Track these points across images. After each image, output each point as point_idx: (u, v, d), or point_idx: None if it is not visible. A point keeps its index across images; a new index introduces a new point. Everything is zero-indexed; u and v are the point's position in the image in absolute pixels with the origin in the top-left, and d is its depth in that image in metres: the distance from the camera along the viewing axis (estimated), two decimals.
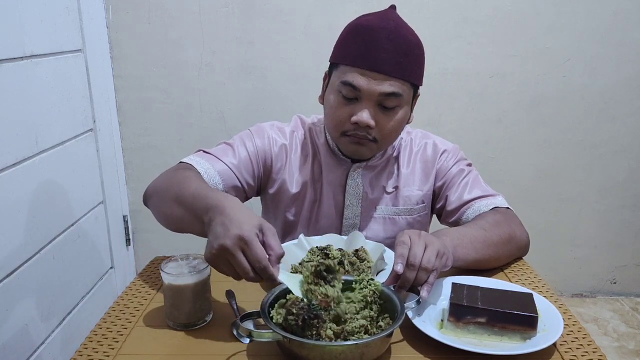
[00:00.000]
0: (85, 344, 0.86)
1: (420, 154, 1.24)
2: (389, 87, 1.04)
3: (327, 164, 1.21)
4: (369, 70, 1.03)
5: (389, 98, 1.05)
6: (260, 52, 2.00)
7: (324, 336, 0.76)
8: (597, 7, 1.98)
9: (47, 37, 1.57)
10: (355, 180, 1.20)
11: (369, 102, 1.06)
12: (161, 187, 1.07)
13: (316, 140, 1.23)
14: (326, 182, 1.21)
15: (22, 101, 1.45)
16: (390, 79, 1.04)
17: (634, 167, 2.17)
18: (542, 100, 2.09)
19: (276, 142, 1.21)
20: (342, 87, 1.06)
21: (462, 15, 1.99)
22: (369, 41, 1.03)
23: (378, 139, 1.10)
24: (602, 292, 2.34)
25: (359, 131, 1.08)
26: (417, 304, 0.85)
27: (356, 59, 1.04)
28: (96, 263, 1.91)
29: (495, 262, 1.09)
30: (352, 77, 1.04)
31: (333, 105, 1.09)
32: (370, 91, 1.04)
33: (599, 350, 0.83)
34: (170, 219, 1.03)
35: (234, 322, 0.78)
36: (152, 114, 2.08)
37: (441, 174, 1.22)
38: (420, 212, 1.23)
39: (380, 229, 1.23)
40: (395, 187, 1.22)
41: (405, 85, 1.06)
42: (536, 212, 2.20)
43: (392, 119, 1.08)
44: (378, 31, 1.04)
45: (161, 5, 1.97)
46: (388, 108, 1.07)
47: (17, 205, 1.42)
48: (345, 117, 1.08)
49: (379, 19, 1.06)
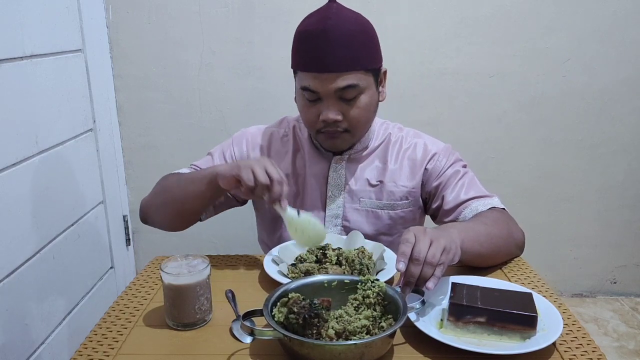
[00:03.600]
0: (85, 344, 0.86)
1: (410, 152, 1.26)
2: (342, 82, 1.09)
3: (311, 157, 1.26)
4: (318, 73, 1.09)
5: (346, 91, 1.10)
6: (260, 52, 2.00)
7: (324, 335, 0.76)
8: (597, 7, 1.98)
9: (47, 37, 1.57)
10: (337, 172, 1.24)
11: (330, 100, 1.11)
12: (154, 191, 1.22)
13: (300, 135, 1.29)
14: (309, 174, 1.26)
15: (22, 101, 1.45)
16: (340, 74, 1.09)
17: (634, 167, 2.17)
18: (542, 100, 2.09)
19: (254, 147, 1.29)
20: (303, 92, 1.14)
21: (461, 15, 1.99)
22: (313, 46, 1.10)
23: (350, 129, 1.15)
24: (602, 292, 2.34)
25: (330, 127, 1.14)
26: (421, 304, 0.84)
27: (305, 64, 1.12)
28: (96, 263, 1.91)
29: (496, 258, 1.11)
30: (307, 81, 1.12)
31: (302, 108, 1.18)
32: (326, 90, 1.10)
33: (599, 349, 0.83)
34: (174, 203, 1.15)
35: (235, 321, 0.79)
36: (152, 114, 2.08)
37: (434, 175, 1.23)
38: (403, 208, 1.25)
39: (364, 221, 1.25)
40: (379, 181, 1.24)
41: (360, 74, 1.11)
42: (536, 212, 2.19)
43: (357, 107, 1.13)
44: (318, 34, 1.09)
45: (161, 5, 1.97)
46: (349, 99, 1.12)
47: (17, 205, 1.42)
48: (314, 117, 1.15)
49: (317, 21, 1.12)
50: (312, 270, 0.99)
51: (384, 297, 0.85)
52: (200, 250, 1.53)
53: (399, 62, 2.00)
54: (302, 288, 0.88)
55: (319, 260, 1.04)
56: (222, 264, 1.15)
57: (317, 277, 0.92)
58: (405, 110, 2.04)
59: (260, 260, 1.15)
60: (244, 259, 1.17)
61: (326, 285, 0.90)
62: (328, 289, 0.90)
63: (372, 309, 0.83)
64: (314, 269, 1.00)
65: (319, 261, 1.04)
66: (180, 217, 1.18)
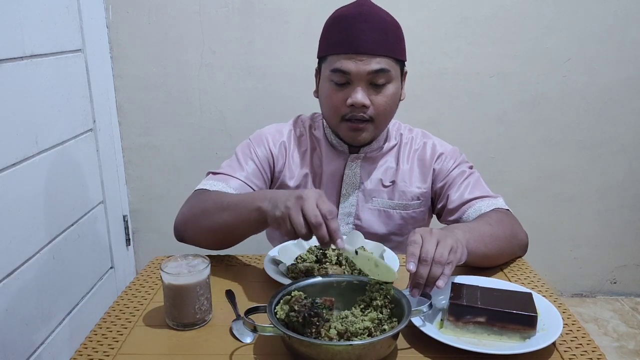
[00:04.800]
0: (85, 343, 0.86)
1: (419, 152, 1.28)
2: (376, 65, 1.11)
3: (327, 156, 1.26)
4: (354, 54, 1.11)
5: (378, 75, 1.12)
6: (260, 52, 2.00)
7: (323, 334, 0.76)
8: (597, 7, 1.98)
9: (47, 37, 1.57)
10: (352, 170, 1.25)
11: (361, 83, 1.12)
12: (193, 212, 1.12)
13: (315, 134, 1.29)
14: (326, 172, 1.26)
15: (22, 101, 1.45)
16: (375, 57, 1.11)
17: (634, 167, 2.17)
18: (542, 100, 2.09)
19: (275, 144, 1.27)
20: (332, 75, 1.14)
21: (462, 15, 1.99)
22: (349, 27, 1.12)
23: (374, 117, 1.16)
24: (602, 292, 2.34)
25: (356, 113, 1.14)
26: (428, 308, 0.83)
27: (340, 46, 1.12)
28: (96, 263, 1.91)
29: (500, 259, 1.10)
30: (340, 63, 1.12)
31: (328, 93, 1.16)
32: (359, 72, 1.11)
33: (598, 349, 0.83)
34: (218, 231, 1.06)
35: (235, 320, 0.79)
36: (152, 114, 2.08)
37: (441, 175, 1.25)
38: (415, 209, 1.27)
39: (375, 220, 1.26)
40: (392, 182, 1.26)
41: (391, 61, 1.14)
42: (536, 212, 2.19)
43: (384, 95, 1.14)
44: (355, 16, 1.12)
45: (161, 5, 1.97)
46: (379, 85, 1.13)
47: (17, 205, 1.42)
48: (341, 101, 1.14)
49: (354, 7, 1.15)
50: (312, 270, 0.99)
51: (391, 300, 0.84)
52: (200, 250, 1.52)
53: None
54: (309, 287, 0.87)
55: (319, 260, 1.04)
56: (222, 264, 1.15)
57: (328, 278, 0.91)
58: (405, 110, 2.03)
59: (260, 260, 1.15)
60: (244, 259, 1.17)
61: (335, 285, 0.90)
62: (337, 289, 0.89)
63: (379, 311, 0.83)
64: (314, 268, 1.00)
65: (318, 261, 1.04)
66: (229, 242, 1.11)
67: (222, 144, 2.07)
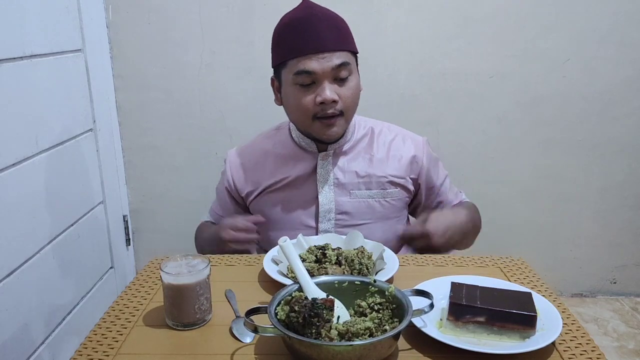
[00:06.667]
0: (85, 343, 0.86)
1: (393, 142, 1.32)
2: (337, 60, 1.15)
3: (297, 159, 1.30)
4: (315, 53, 1.14)
5: (341, 69, 1.16)
6: (260, 52, 2.00)
7: (323, 335, 0.76)
8: (597, 7, 1.98)
9: (47, 37, 1.58)
10: (324, 167, 1.28)
11: (326, 80, 1.16)
12: (196, 240, 1.44)
13: (283, 141, 1.33)
14: (298, 175, 1.29)
15: (22, 101, 1.45)
16: (335, 52, 1.15)
17: (634, 167, 2.17)
18: (542, 100, 2.09)
19: (236, 169, 1.35)
20: (297, 78, 1.17)
21: (462, 15, 1.99)
22: (304, 29, 1.15)
23: (344, 111, 1.20)
24: (602, 292, 2.34)
25: (327, 109, 1.17)
26: (430, 308, 0.83)
27: (300, 49, 1.15)
28: (96, 263, 1.91)
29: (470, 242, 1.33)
30: (303, 64, 1.15)
31: (295, 97, 1.19)
32: (323, 69, 1.15)
33: (598, 349, 0.83)
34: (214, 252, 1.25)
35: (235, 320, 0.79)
36: (152, 114, 2.08)
37: (418, 171, 1.32)
38: (394, 197, 1.31)
39: (356, 212, 1.29)
40: (367, 172, 1.29)
41: (349, 54, 1.19)
42: (536, 212, 2.19)
43: (349, 87, 1.19)
44: (307, 17, 1.16)
45: (161, 5, 1.97)
46: (343, 79, 1.18)
47: (17, 205, 1.42)
48: (310, 102, 1.17)
49: (302, 10, 1.19)
50: (312, 270, 0.99)
51: (392, 301, 0.84)
52: None
53: (399, 62, 2.00)
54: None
55: (319, 260, 1.04)
56: (222, 263, 1.15)
57: (329, 277, 0.91)
58: (405, 110, 2.05)
59: (260, 260, 1.15)
60: (244, 259, 1.17)
61: (337, 286, 0.90)
62: (339, 289, 0.89)
63: (380, 312, 0.83)
64: (314, 268, 1.00)
65: (318, 261, 1.04)
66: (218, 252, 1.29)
67: (222, 144, 2.06)
